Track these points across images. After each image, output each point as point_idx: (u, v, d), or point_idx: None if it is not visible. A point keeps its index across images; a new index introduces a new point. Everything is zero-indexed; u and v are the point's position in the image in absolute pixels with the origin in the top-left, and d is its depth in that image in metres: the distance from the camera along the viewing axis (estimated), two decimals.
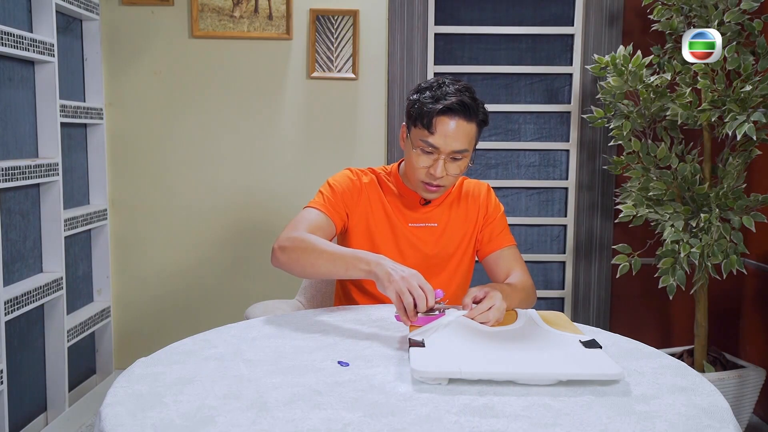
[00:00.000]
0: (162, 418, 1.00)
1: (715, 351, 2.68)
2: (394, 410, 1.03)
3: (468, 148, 1.70)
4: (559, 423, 0.99)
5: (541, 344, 1.33)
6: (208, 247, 3.01)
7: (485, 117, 1.74)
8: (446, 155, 1.68)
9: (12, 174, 2.18)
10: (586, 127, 2.92)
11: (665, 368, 1.24)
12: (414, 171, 1.73)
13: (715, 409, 1.06)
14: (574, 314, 3.02)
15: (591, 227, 2.98)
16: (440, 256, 1.82)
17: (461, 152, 1.69)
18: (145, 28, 2.89)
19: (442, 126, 1.66)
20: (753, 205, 2.39)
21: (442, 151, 1.67)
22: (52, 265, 2.50)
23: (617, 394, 1.10)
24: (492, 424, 0.99)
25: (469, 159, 1.73)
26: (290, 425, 0.98)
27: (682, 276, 2.42)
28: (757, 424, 2.70)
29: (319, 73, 2.90)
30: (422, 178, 1.72)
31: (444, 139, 1.66)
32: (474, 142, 1.73)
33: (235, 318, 2.88)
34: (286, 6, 2.85)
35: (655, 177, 2.50)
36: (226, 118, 2.95)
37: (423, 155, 1.70)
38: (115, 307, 3.01)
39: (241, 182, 2.97)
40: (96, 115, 2.81)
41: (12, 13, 2.31)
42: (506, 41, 2.98)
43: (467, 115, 1.67)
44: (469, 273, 1.90)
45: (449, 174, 1.70)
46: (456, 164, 1.70)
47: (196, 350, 1.31)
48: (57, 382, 2.53)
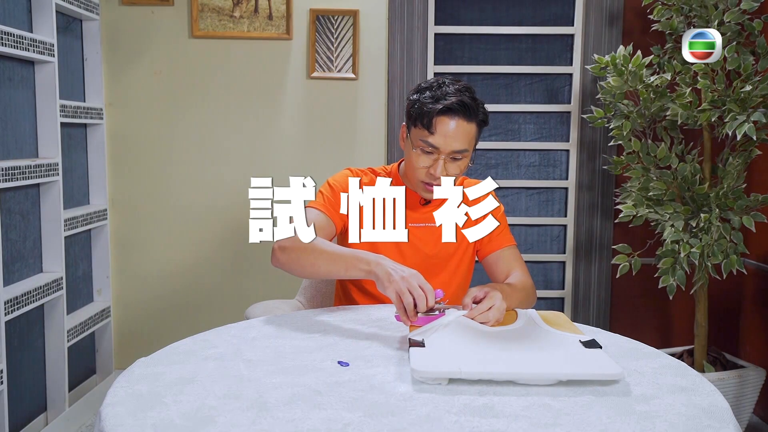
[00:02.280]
0: (162, 418, 1.00)
1: (715, 351, 2.68)
2: (394, 410, 1.03)
3: (468, 148, 1.70)
4: (559, 423, 0.99)
5: (541, 344, 1.33)
6: (208, 247, 3.01)
7: (485, 117, 1.74)
8: (446, 155, 1.68)
9: (12, 174, 2.18)
10: (586, 127, 2.92)
11: (665, 368, 1.24)
12: (414, 171, 1.73)
13: (715, 409, 1.06)
14: (574, 314, 3.02)
15: (591, 227, 2.98)
16: (440, 256, 1.82)
17: (461, 152, 1.69)
18: (145, 28, 2.89)
19: (442, 126, 1.66)
20: (753, 205, 2.39)
21: (442, 151, 1.68)
22: (52, 265, 2.50)
23: (617, 394, 1.10)
24: (492, 424, 0.99)
25: (469, 159, 1.73)
26: (290, 425, 0.98)
27: (682, 276, 2.42)
28: (757, 424, 2.70)
29: (319, 73, 2.90)
30: (422, 178, 1.72)
31: (444, 139, 1.67)
32: (474, 142, 1.73)
33: (235, 318, 2.88)
34: (286, 6, 2.85)
35: (655, 177, 2.50)
36: (226, 118, 2.95)
37: (423, 155, 1.70)
38: (115, 307, 3.01)
39: (241, 182, 2.97)
40: (96, 115, 2.81)
41: (12, 13, 2.31)
42: (506, 41, 2.98)
43: (467, 115, 1.68)
44: (470, 273, 1.90)
45: (449, 174, 1.70)
46: (456, 164, 1.70)
47: (196, 350, 1.31)
48: (57, 382, 2.53)
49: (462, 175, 1.79)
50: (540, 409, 1.04)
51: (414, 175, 1.74)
